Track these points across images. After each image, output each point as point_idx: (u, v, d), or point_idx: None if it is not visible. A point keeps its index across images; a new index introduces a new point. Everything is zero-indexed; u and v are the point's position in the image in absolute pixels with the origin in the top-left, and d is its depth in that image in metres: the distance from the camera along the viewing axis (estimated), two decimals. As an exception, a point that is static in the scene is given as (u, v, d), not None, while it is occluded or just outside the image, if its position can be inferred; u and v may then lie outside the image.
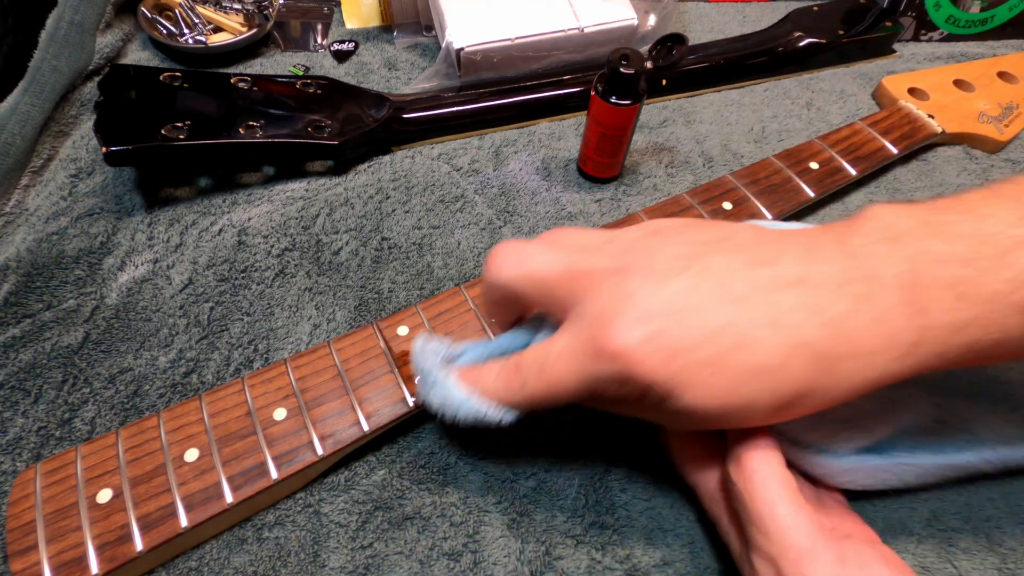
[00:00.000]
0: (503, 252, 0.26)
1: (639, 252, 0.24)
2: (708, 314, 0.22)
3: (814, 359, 0.21)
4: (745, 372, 0.21)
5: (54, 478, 0.29)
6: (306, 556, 0.30)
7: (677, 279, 0.23)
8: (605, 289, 0.23)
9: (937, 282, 0.21)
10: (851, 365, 0.21)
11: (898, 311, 0.21)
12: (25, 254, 0.39)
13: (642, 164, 0.48)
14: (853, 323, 0.21)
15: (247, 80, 0.45)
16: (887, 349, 0.21)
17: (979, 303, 0.21)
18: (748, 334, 0.21)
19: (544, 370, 0.24)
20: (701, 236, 0.24)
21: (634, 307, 0.22)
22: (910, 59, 0.58)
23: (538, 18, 0.50)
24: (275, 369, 0.33)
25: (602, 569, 0.30)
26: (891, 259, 0.22)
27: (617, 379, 0.23)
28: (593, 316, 0.23)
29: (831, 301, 0.22)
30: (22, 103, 0.45)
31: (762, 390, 0.22)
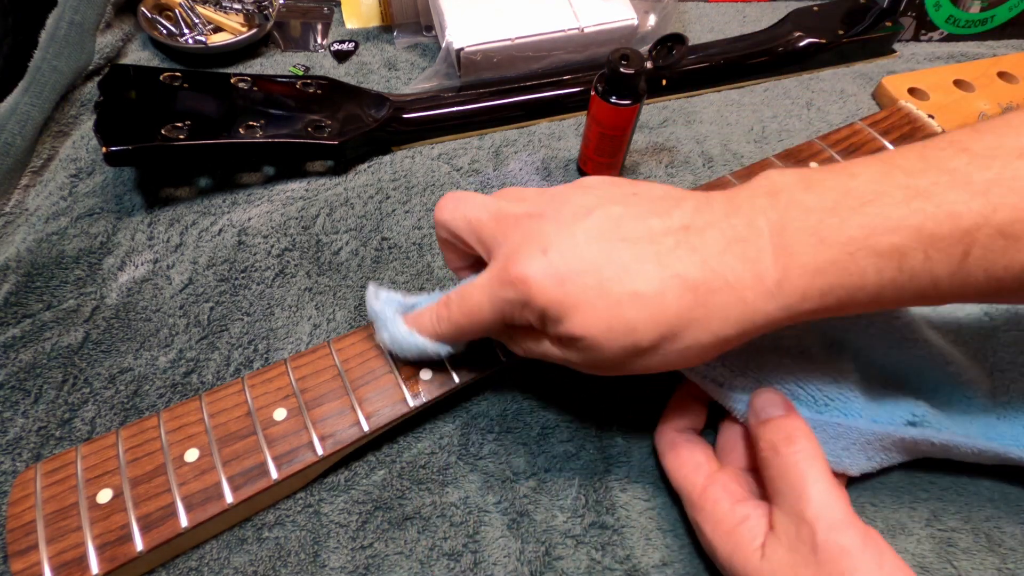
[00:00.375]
0: (446, 197, 0.30)
1: (556, 201, 0.27)
2: (599, 250, 0.25)
3: (688, 288, 0.24)
4: (625, 296, 0.24)
5: (54, 478, 0.29)
6: (306, 556, 0.30)
7: (579, 223, 0.26)
8: (520, 229, 0.27)
9: (802, 228, 0.23)
10: (724, 299, 0.24)
11: (767, 252, 0.23)
12: (25, 254, 0.39)
13: (642, 164, 0.48)
14: (726, 260, 0.24)
15: (247, 80, 0.45)
16: (755, 285, 0.23)
17: (837, 247, 0.23)
18: (631, 266, 0.24)
19: (464, 299, 0.28)
20: (613, 191, 0.27)
21: (538, 243, 0.25)
22: (910, 59, 0.58)
23: (538, 18, 0.50)
24: (275, 369, 0.33)
25: (602, 569, 0.30)
26: (767, 209, 0.24)
27: (519, 302, 0.25)
28: (507, 251, 0.26)
29: (709, 243, 0.24)
30: (22, 103, 0.45)
31: (642, 314, 0.24)
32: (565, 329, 0.25)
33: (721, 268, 0.24)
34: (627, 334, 0.24)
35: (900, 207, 0.22)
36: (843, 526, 0.24)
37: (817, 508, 0.25)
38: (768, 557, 0.25)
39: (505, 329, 0.29)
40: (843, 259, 0.23)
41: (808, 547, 0.24)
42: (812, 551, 0.24)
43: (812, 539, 0.24)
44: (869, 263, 0.23)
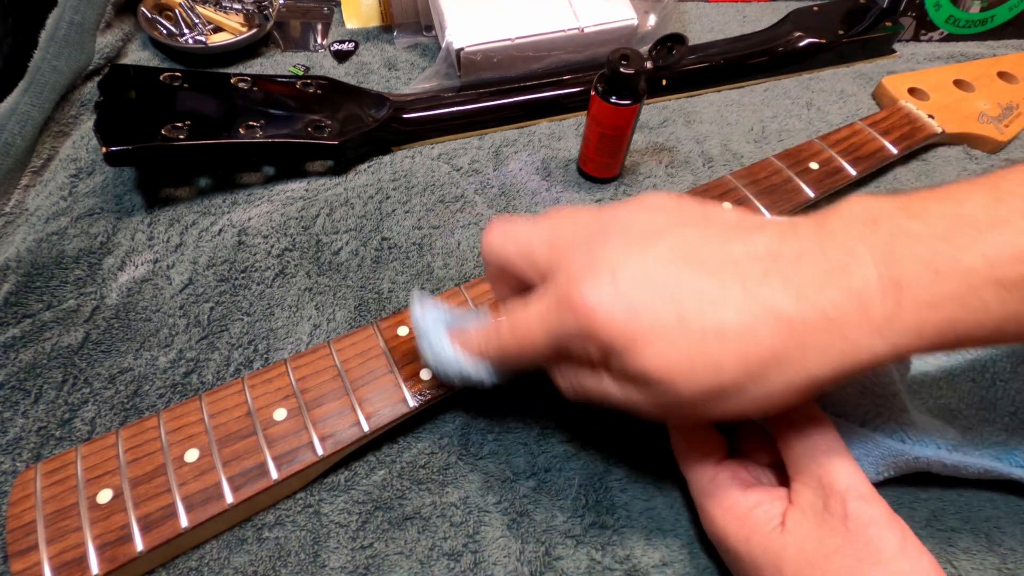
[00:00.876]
0: (494, 226, 0.28)
1: (620, 221, 0.25)
2: (676, 276, 0.22)
3: (784, 326, 0.21)
4: (710, 332, 0.21)
5: (54, 478, 0.29)
6: (306, 556, 0.30)
7: (650, 246, 0.23)
8: (580, 252, 0.24)
9: (914, 258, 0.21)
10: (823, 337, 0.21)
11: (874, 285, 0.21)
12: (25, 254, 0.39)
13: (642, 164, 0.48)
14: (827, 294, 0.21)
15: (247, 80, 0.45)
16: (861, 322, 0.21)
17: (956, 279, 0.20)
18: (715, 297, 0.22)
19: (517, 325, 0.25)
20: (683, 212, 0.25)
21: (604, 267, 0.23)
22: (910, 59, 0.58)
23: (538, 18, 0.50)
24: (275, 369, 0.33)
25: (602, 569, 0.30)
26: (868, 237, 0.22)
27: (580, 333, 0.23)
28: (566, 275, 0.24)
29: (804, 273, 0.22)
30: (22, 103, 0.45)
31: (729, 352, 0.21)
32: (635, 366, 0.22)
33: (820, 301, 0.21)
34: (711, 374, 0.22)
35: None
36: (872, 498, 0.24)
37: (847, 480, 0.24)
38: (791, 531, 0.24)
39: (559, 362, 0.26)
40: (963, 292, 0.20)
41: (838, 518, 0.24)
42: (842, 521, 0.24)
43: (842, 509, 0.24)
44: (992, 296, 0.20)
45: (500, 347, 0.26)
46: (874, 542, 0.23)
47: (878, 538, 0.23)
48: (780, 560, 0.24)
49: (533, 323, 0.25)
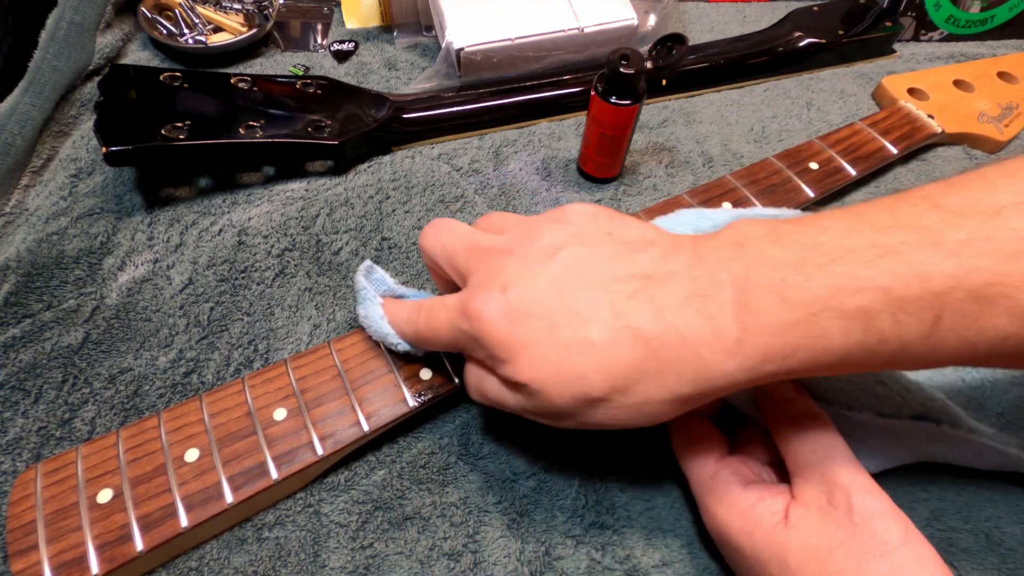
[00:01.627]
0: (429, 225, 0.30)
1: (529, 236, 0.27)
2: (556, 294, 0.24)
3: (640, 342, 0.23)
4: (575, 343, 0.23)
5: (54, 478, 0.29)
6: (306, 556, 0.30)
7: (543, 263, 0.25)
8: (487, 263, 0.27)
9: (765, 284, 0.22)
10: (677, 353, 0.23)
11: (727, 308, 0.22)
12: (25, 254, 0.39)
13: (642, 164, 0.48)
14: (684, 314, 0.23)
15: (247, 80, 0.45)
16: (711, 342, 0.22)
17: (800, 306, 0.21)
18: (584, 313, 0.24)
19: (431, 314, 0.28)
20: (587, 228, 0.26)
21: (499, 280, 0.25)
22: (910, 59, 0.58)
23: (538, 18, 0.50)
24: (275, 369, 0.33)
25: (602, 569, 0.30)
26: (732, 262, 0.23)
27: (472, 337, 0.26)
28: (472, 283, 0.27)
29: (668, 294, 0.23)
30: (22, 103, 0.45)
31: (591, 363, 0.23)
32: (512, 371, 0.24)
33: (677, 322, 0.23)
34: (575, 382, 0.23)
35: (867, 266, 0.21)
36: (874, 491, 0.25)
37: (850, 474, 0.25)
38: (795, 526, 0.25)
39: (466, 359, 0.29)
40: (806, 320, 0.21)
41: (843, 511, 0.24)
42: (847, 514, 0.24)
43: (847, 503, 0.24)
44: (834, 325, 0.21)
45: (416, 328, 0.29)
46: (879, 534, 0.23)
47: (883, 530, 0.24)
48: (785, 554, 0.24)
49: (442, 318, 0.28)
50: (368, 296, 0.32)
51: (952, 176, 0.23)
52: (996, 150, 0.50)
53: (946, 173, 0.48)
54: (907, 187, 0.47)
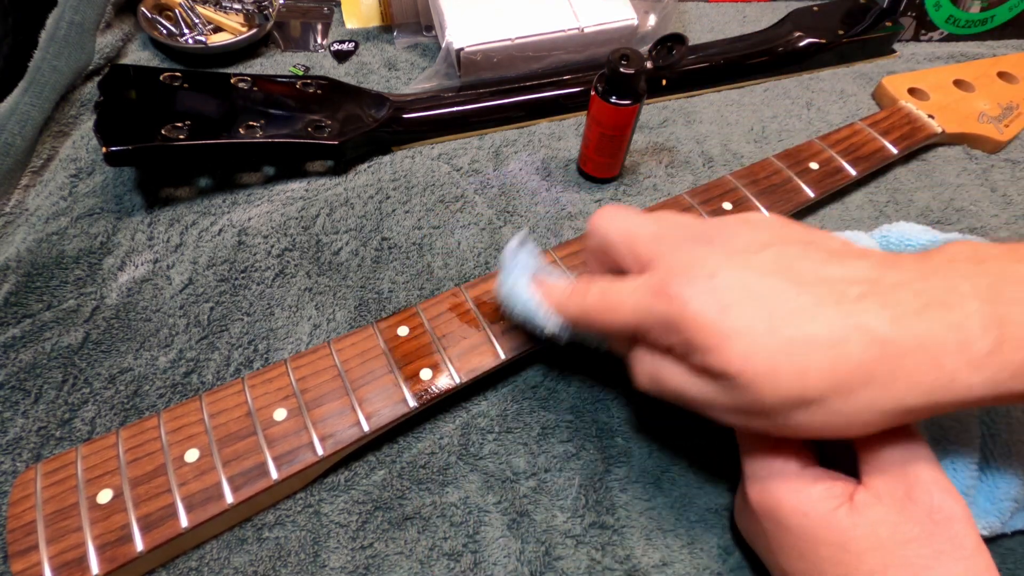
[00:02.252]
0: (606, 209, 0.30)
1: (725, 231, 0.26)
2: (773, 286, 0.23)
3: (876, 345, 0.21)
4: (799, 340, 0.22)
5: (54, 478, 0.29)
6: (306, 556, 0.30)
7: (751, 257, 0.24)
8: (683, 251, 0.25)
9: (1018, 298, 0.21)
10: (917, 364, 0.21)
11: (975, 320, 0.21)
12: (25, 254, 0.39)
13: (642, 164, 0.48)
14: (924, 323, 0.21)
15: (247, 80, 0.45)
16: (959, 354, 0.21)
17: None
18: (809, 309, 0.22)
19: (608, 293, 0.27)
20: (787, 232, 0.26)
21: (704, 268, 0.24)
22: (910, 59, 0.58)
23: (538, 18, 0.50)
24: (275, 369, 0.33)
25: (602, 569, 0.30)
26: (973, 276, 0.22)
27: (668, 323, 0.24)
28: (666, 268, 0.25)
29: (901, 300, 0.22)
30: (22, 103, 0.45)
31: (816, 362, 0.21)
32: (719, 363, 0.23)
33: (917, 328, 0.21)
34: (795, 381, 0.22)
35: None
36: (955, 494, 0.24)
37: (932, 474, 0.24)
38: (862, 513, 0.24)
39: (636, 347, 0.27)
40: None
41: (923, 508, 0.23)
42: (928, 512, 0.23)
43: (929, 500, 0.23)
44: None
45: (583, 306, 0.28)
46: (958, 537, 0.23)
47: (963, 534, 0.23)
48: (846, 539, 0.24)
49: (624, 297, 0.26)
50: (517, 270, 0.31)
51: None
52: (996, 150, 0.50)
53: (946, 173, 0.48)
54: (907, 188, 0.47)
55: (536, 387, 0.36)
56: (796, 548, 0.25)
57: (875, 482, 0.25)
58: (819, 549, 0.24)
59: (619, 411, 0.35)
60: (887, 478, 0.25)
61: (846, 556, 0.23)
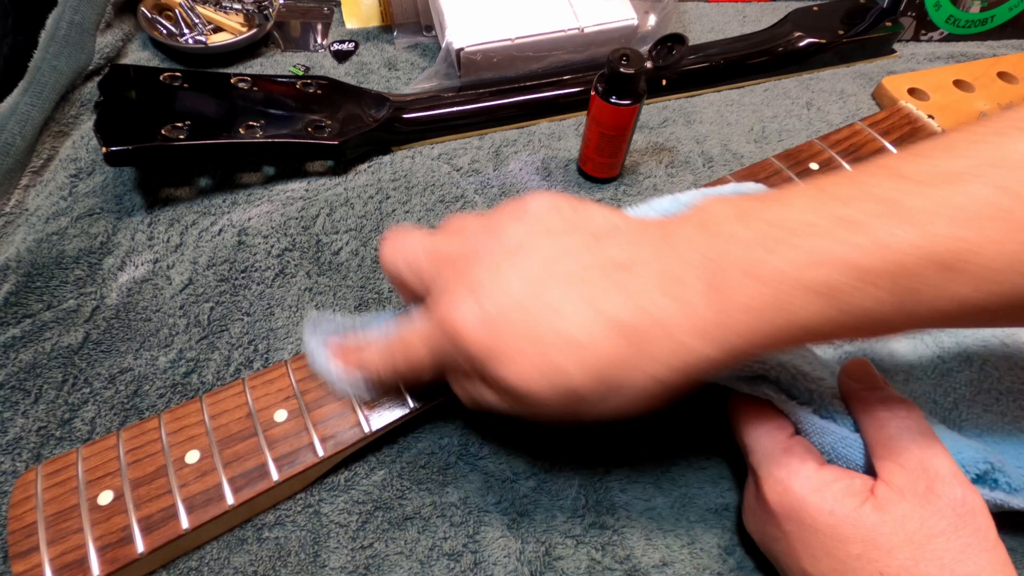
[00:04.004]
0: (388, 237, 0.29)
1: (491, 235, 0.26)
2: (528, 290, 0.24)
3: (622, 334, 0.22)
4: (555, 341, 0.23)
5: (55, 480, 0.29)
6: (306, 556, 0.30)
7: (509, 260, 0.25)
8: (452, 269, 0.26)
9: (734, 263, 0.22)
10: (660, 345, 0.22)
11: (700, 293, 0.22)
12: (25, 254, 0.39)
13: (642, 164, 0.48)
14: (660, 304, 0.22)
15: (247, 80, 0.45)
16: (691, 329, 0.22)
17: (769, 284, 0.21)
18: (561, 308, 0.23)
19: (406, 347, 0.27)
20: (549, 221, 0.26)
21: (467, 286, 0.25)
22: (910, 59, 0.58)
23: (538, 18, 0.50)
24: (276, 370, 0.33)
25: (602, 569, 0.30)
26: (701, 245, 0.23)
27: (453, 350, 0.25)
28: (439, 293, 0.26)
29: (638, 280, 0.23)
30: (22, 103, 0.45)
31: (573, 360, 0.23)
32: (498, 378, 0.24)
33: (650, 307, 0.22)
34: (561, 380, 0.23)
35: (831, 239, 0.21)
36: (972, 486, 0.24)
37: (950, 467, 0.25)
38: (887, 509, 0.24)
39: (451, 374, 0.28)
40: (777, 297, 0.21)
41: (947, 502, 0.24)
42: (951, 505, 0.24)
43: (951, 495, 0.24)
44: (803, 299, 0.21)
45: (394, 368, 0.28)
46: (982, 530, 0.23)
47: (986, 527, 0.24)
48: (875, 535, 0.24)
49: (418, 342, 0.27)
50: (316, 354, 0.31)
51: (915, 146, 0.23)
52: (996, 150, 0.50)
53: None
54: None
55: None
56: (823, 547, 0.25)
57: (895, 478, 0.25)
58: (848, 547, 0.24)
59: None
60: (907, 473, 0.25)
61: (876, 552, 0.24)
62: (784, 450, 0.27)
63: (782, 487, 0.26)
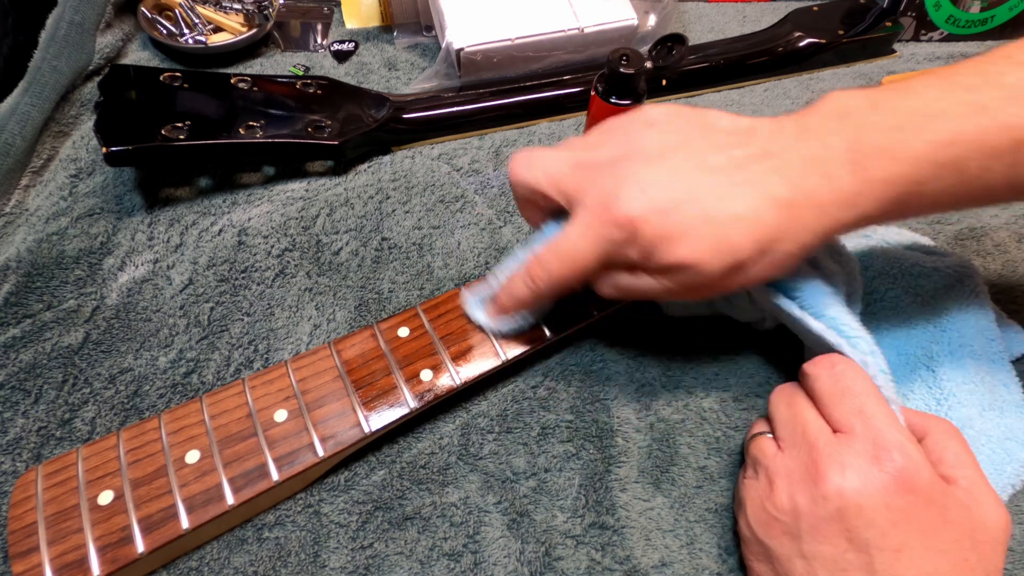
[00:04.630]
0: (518, 157, 0.32)
1: (633, 142, 0.29)
2: (694, 182, 0.27)
3: (782, 207, 0.26)
4: (728, 220, 0.26)
5: (55, 480, 0.29)
6: (306, 556, 0.30)
7: (667, 160, 0.28)
8: (606, 174, 0.28)
9: (874, 145, 0.26)
10: (808, 211, 0.26)
11: (844, 170, 0.26)
12: (25, 254, 0.39)
13: (642, 164, 0.48)
14: (810, 181, 0.26)
15: (247, 80, 0.45)
16: (835, 200, 0.26)
17: (906, 162, 0.25)
18: (727, 193, 0.26)
19: (563, 251, 0.29)
20: (685, 126, 0.29)
21: (634, 183, 0.27)
22: (910, 59, 0.58)
23: (538, 18, 0.50)
24: (276, 370, 0.33)
25: (601, 570, 0.30)
26: (839, 131, 0.26)
27: (624, 240, 0.27)
28: (599, 196, 0.28)
29: (790, 164, 0.26)
30: (22, 103, 0.45)
31: (744, 234, 0.26)
32: (673, 258, 0.26)
33: (805, 185, 0.26)
34: (731, 253, 0.26)
35: (962, 121, 0.25)
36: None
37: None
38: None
39: (601, 273, 0.30)
40: (912, 172, 0.25)
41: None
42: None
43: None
44: (934, 175, 0.25)
45: (550, 275, 0.30)
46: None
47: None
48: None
49: (580, 244, 0.29)
50: (476, 318, 0.34)
51: None
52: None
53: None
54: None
55: (536, 387, 0.36)
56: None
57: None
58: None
59: (619, 411, 0.35)
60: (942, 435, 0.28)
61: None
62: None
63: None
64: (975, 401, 0.33)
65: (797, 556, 0.26)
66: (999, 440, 0.32)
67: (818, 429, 0.27)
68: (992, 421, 0.32)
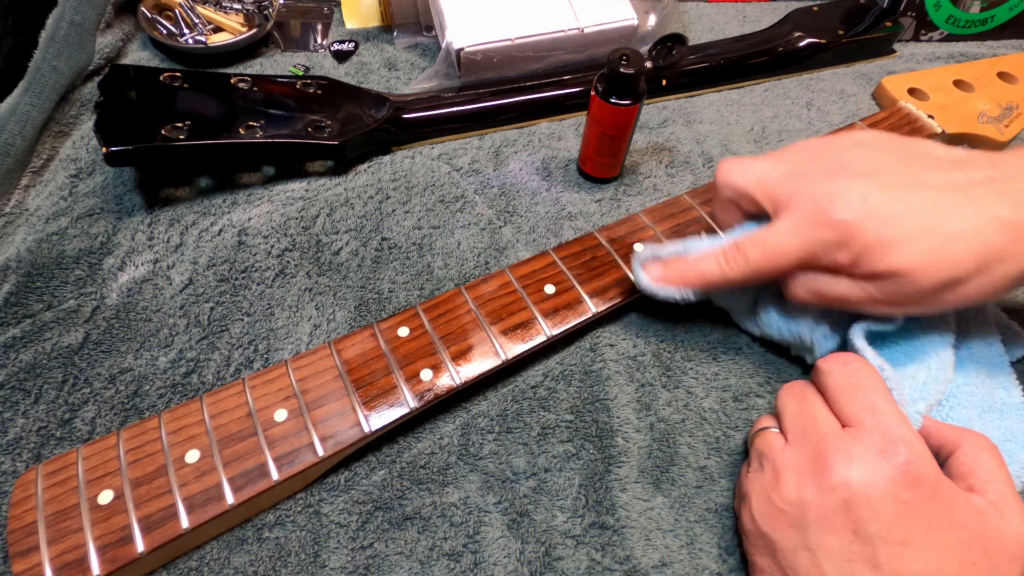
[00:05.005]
0: (730, 161, 0.34)
1: (846, 159, 0.30)
2: (915, 197, 0.28)
3: (1007, 228, 0.27)
4: (950, 234, 0.27)
5: (55, 479, 0.29)
6: (306, 556, 0.30)
7: (884, 175, 0.29)
8: (822, 183, 0.30)
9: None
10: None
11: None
12: (25, 254, 0.39)
13: (642, 164, 0.48)
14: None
15: (247, 80, 0.45)
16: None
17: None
18: (949, 210, 0.27)
19: (767, 243, 0.31)
20: (901, 150, 0.30)
21: (852, 192, 0.29)
22: (910, 59, 0.58)
23: (538, 18, 0.50)
24: (276, 370, 0.33)
25: (601, 570, 0.30)
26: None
27: (837, 243, 0.28)
28: (814, 199, 0.29)
29: (1018, 189, 0.27)
30: (22, 103, 0.45)
31: (965, 250, 0.27)
32: (885, 264, 0.28)
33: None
34: (950, 267, 0.27)
35: None
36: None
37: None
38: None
39: (797, 273, 0.31)
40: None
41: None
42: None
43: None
44: None
45: (747, 263, 0.31)
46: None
47: None
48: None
49: (785, 241, 0.30)
50: (637, 274, 0.35)
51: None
52: (996, 151, 0.50)
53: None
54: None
55: (536, 387, 0.36)
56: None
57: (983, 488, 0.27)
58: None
59: (619, 411, 0.35)
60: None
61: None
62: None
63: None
64: (975, 403, 0.33)
65: (802, 548, 0.25)
66: (999, 442, 0.32)
67: (827, 423, 0.27)
68: (992, 423, 0.32)
